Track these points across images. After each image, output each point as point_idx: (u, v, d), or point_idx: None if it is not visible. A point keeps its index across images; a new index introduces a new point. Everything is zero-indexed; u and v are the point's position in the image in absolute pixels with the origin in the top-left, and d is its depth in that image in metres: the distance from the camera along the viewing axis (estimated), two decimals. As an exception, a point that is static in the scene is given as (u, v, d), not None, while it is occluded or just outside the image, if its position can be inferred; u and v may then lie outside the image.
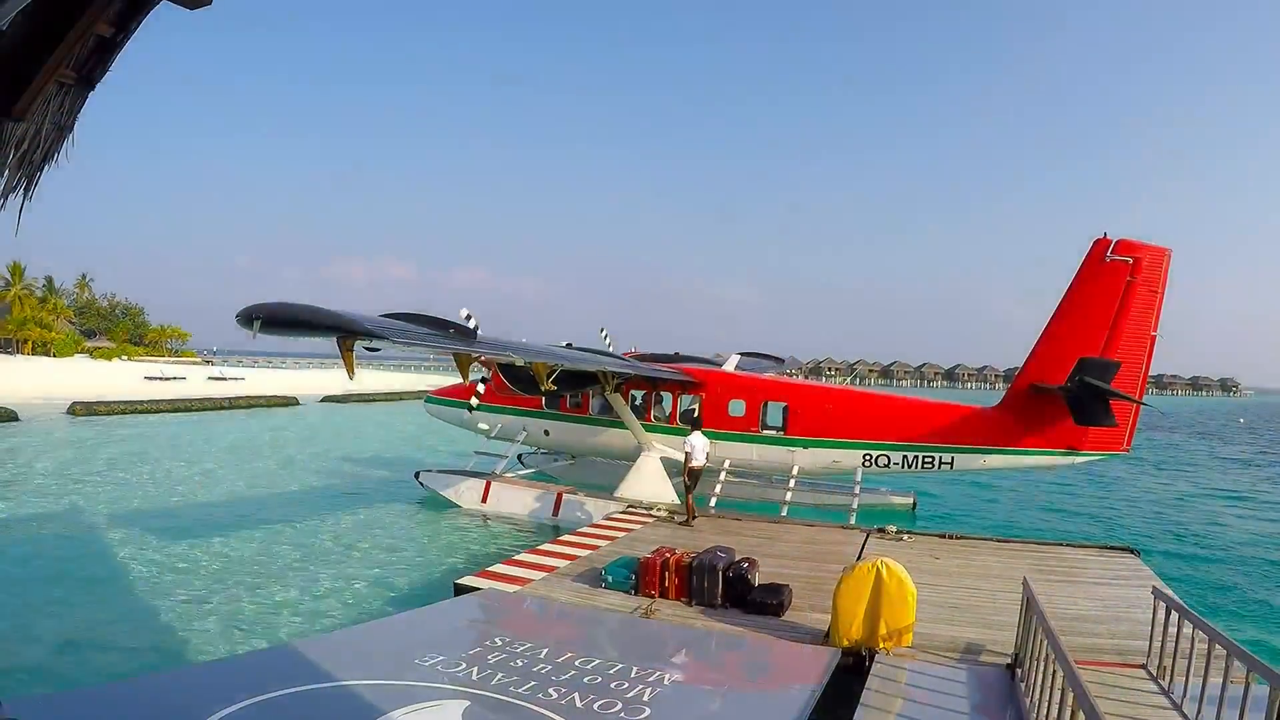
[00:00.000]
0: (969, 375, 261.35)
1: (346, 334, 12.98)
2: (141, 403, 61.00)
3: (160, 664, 13.38)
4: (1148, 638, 11.74)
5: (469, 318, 19.76)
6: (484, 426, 29.41)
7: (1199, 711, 9.35)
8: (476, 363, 19.99)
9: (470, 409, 27.81)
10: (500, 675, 10.31)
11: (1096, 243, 22.62)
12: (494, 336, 19.02)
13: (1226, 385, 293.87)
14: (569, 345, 24.63)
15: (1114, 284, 22.33)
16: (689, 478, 21.60)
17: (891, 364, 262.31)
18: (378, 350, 15.14)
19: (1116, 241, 22.40)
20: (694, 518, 21.57)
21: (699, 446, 21.60)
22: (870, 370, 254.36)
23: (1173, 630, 10.67)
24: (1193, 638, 9.96)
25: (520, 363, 21.33)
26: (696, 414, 25.55)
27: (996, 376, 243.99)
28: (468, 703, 9.43)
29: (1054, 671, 8.47)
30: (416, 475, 28.53)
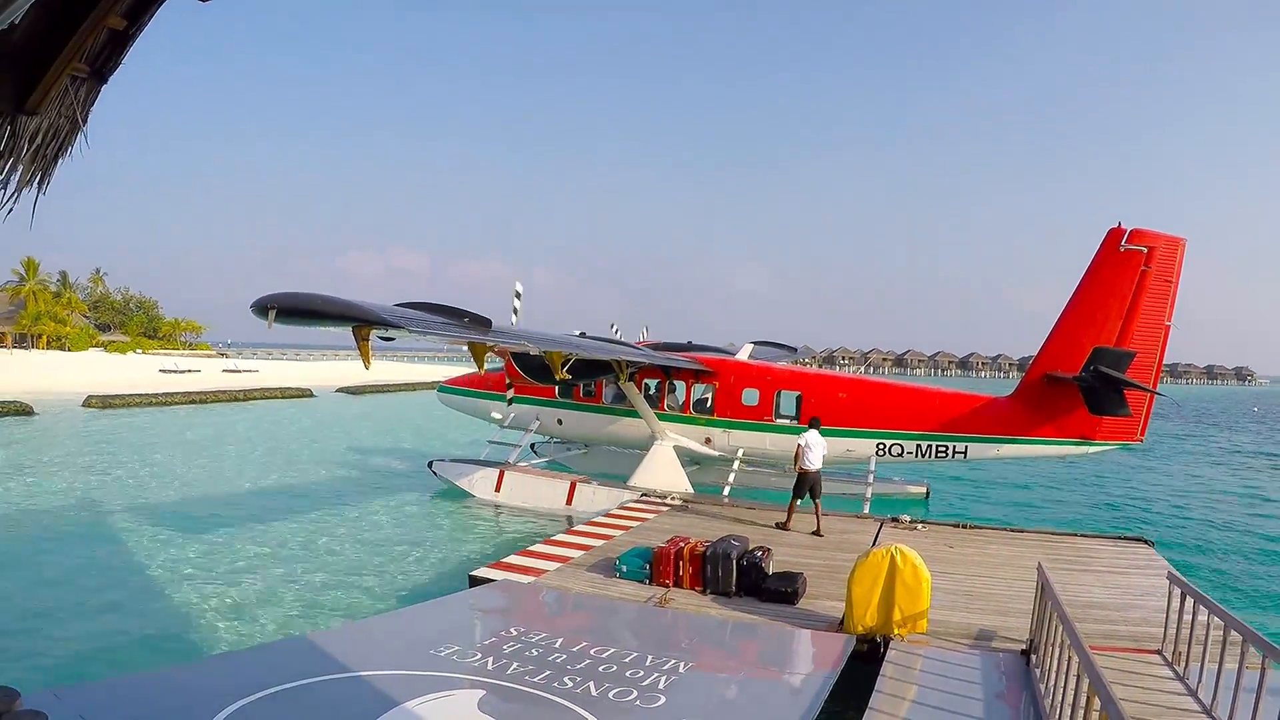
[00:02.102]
0: (983, 364, 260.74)
1: (362, 323, 13.00)
2: (156, 395, 60.96)
3: (178, 656, 13.44)
4: (1162, 624, 11.74)
5: (519, 295, 19.74)
6: (497, 416, 29.43)
7: (1214, 697, 9.35)
8: (491, 353, 20.00)
9: (509, 401, 27.86)
10: (516, 665, 10.36)
11: (1111, 232, 22.49)
12: (508, 325, 19.05)
13: (1241, 374, 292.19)
14: (582, 334, 24.66)
15: (1128, 274, 22.21)
16: (801, 483, 20.15)
17: (905, 353, 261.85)
18: (392, 340, 15.18)
19: (1131, 231, 22.26)
20: (788, 524, 20.14)
21: (815, 446, 20.12)
22: (884, 359, 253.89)
23: (1188, 616, 10.67)
24: (1208, 624, 9.96)
25: (535, 352, 21.34)
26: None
27: (1011, 365, 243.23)
28: (483, 692, 9.48)
29: (1069, 657, 8.48)
30: (430, 465, 28.56)
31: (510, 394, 27.41)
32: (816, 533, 19.70)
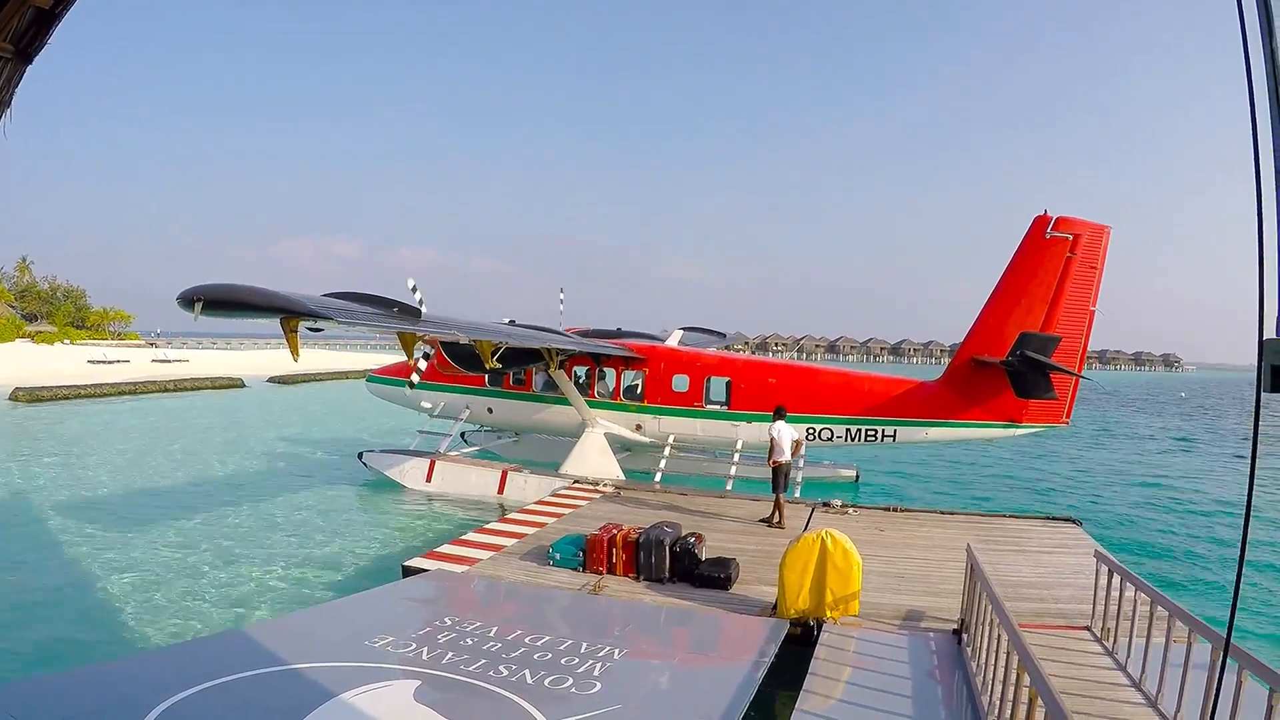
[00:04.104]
0: (914, 350, 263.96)
1: (290, 314, 12.82)
2: (85, 387, 59.45)
3: (108, 652, 13.17)
4: (1091, 602, 11.94)
5: (415, 289, 19.54)
6: (427, 405, 29.10)
7: (1143, 671, 9.51)
8: (421, 341, 19.80)
9: (410, 386, 27.47)
10: (450, 654, 10.29)
11: (1037, 219, 22.83)
12: (439, 314, 18.87)
13: (1169, 360, 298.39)
14: (511, 322, 24.46)
15: (1054, 260, 22.56)
16: (777, 475, 19.58)
17: (838, 339, 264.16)
18: (321, 330, 14.99)
19: (1056, 218, 22.61)
20: (781, 521, 19.33)
21: (785, 436, 19.59)
22: (817, 345, 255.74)
23: (1115, 593, 10.85)
24: (1135, 600, 10.14)
25: (465, 341, 21.15)
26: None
27: (942, 351, 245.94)
28: (418, 682, 9.40)
29: (999, 635, 8.57)
30: (360, 456, 28.25)
31: (414, 378, 27.00)
32: (767, 520, 19.71)
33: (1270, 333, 2.52)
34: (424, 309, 23.67)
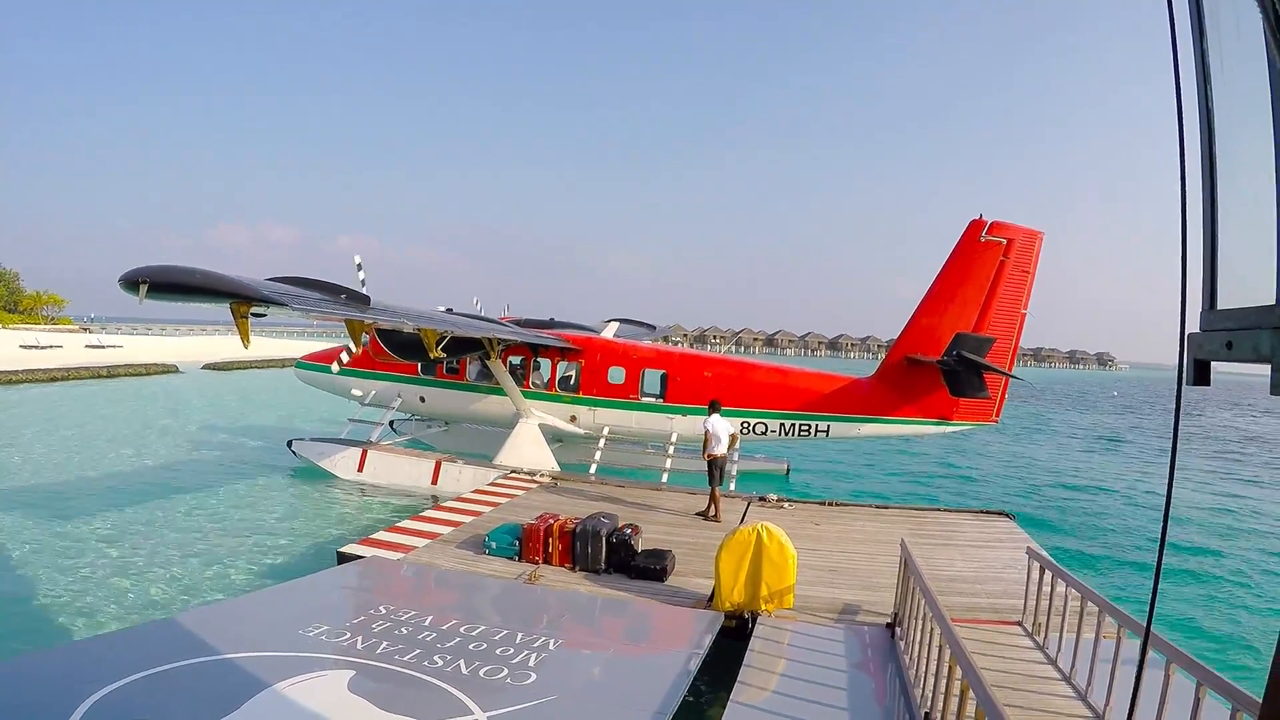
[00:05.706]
0: (852, 345, 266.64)
1: (241, 299, 12.58)
2: (17, 372, 57.88)
3: (32, 645, 12.87)
4: (1023, 596, 12.12)
5: (360, 267, 19.26)
6: (357, 393, 28.74)
7: (1073, 665, 9.68)
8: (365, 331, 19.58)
9: (337, 367, 27.14)
10: (385, 644, 10.23)
11: (972, 223, 23.13)
12: (381, 301, 18.70)
13: (1103, 359, 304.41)
14: (449, 310, 24.29)
15: (988, 263, 22.87)
16: (713, 469, 19.64)
17: (776, 333, 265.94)
18: (264, 315, 14.75)
19: (991, 223, 22.94)
20: (717, 514, 19.41)
21: (720, 429, 19.60)
22: (755, 339, 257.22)
23: (1046, 589, 11.02)
24: (1066, 596, 10.31)
25: (410, 329, 20.95)
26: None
27: (879, 346, 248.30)
28: (353, 673, 9.33)
29: (932, 629, 8.67)
30: (290, 444, 27.85)
31: (344, 357, 26.69)
32: (703, 513, 19.68)
33: (1193, 327, 2.57)
34: (365, 290, 23.48)
